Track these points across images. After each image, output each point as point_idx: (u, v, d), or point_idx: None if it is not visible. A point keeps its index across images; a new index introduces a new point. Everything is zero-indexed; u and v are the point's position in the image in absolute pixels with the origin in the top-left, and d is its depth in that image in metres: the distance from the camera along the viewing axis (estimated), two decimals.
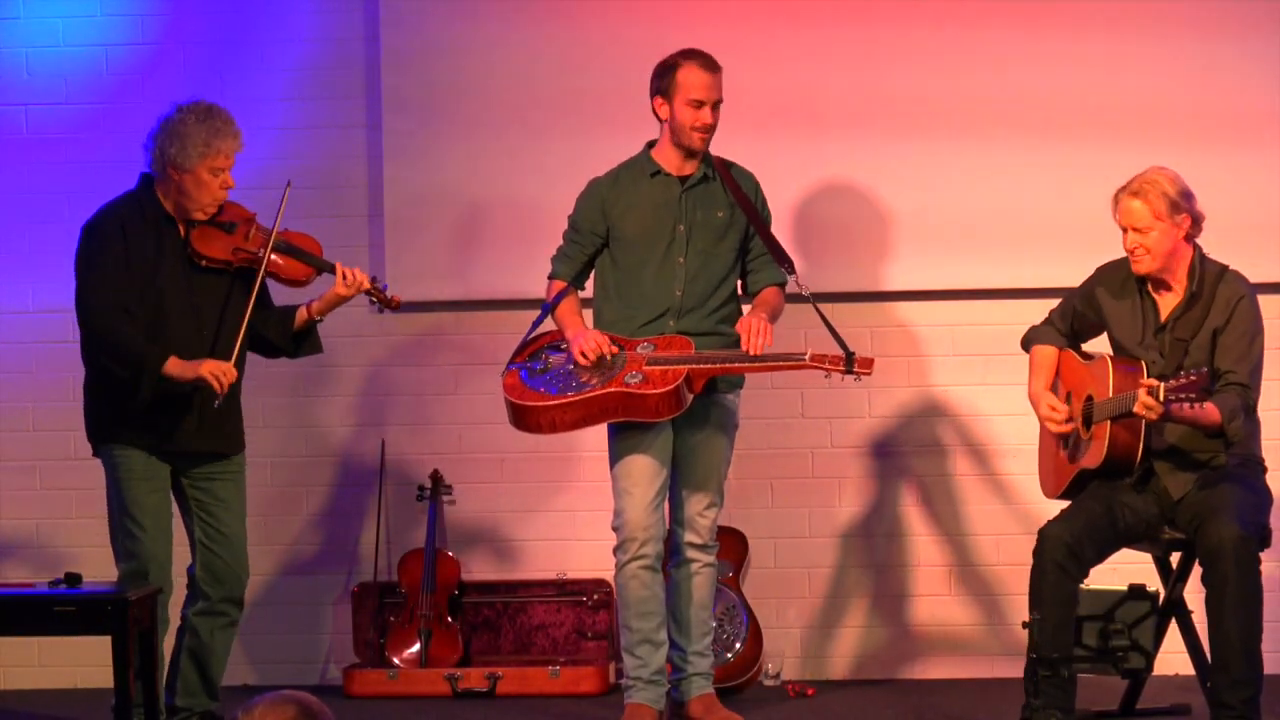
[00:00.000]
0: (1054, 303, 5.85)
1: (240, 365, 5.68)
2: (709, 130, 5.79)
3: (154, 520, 5.63)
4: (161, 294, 5.59)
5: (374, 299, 5.82)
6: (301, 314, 5.78)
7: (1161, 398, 5.15)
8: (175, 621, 5.77)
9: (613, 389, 5.61)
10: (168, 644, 5.75)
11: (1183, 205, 5.46)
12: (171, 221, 5.65)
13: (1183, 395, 5.13)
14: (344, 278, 5.73)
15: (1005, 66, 6.75)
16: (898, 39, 6.78)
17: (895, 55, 6.78)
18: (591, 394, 5.61)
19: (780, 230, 5.99)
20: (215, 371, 5.51)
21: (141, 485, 5.62)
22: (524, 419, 5.70)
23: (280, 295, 5.88)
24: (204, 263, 5.64)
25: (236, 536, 5.74)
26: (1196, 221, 5.50)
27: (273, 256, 5.66)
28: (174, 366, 5.51)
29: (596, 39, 6.86)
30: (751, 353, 5.62)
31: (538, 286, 6.17)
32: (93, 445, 5.71)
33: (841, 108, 6.79)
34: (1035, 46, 6.75)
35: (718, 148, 5.90)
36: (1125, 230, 5.51)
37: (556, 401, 5.64)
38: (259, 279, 5.63)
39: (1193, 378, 5.12)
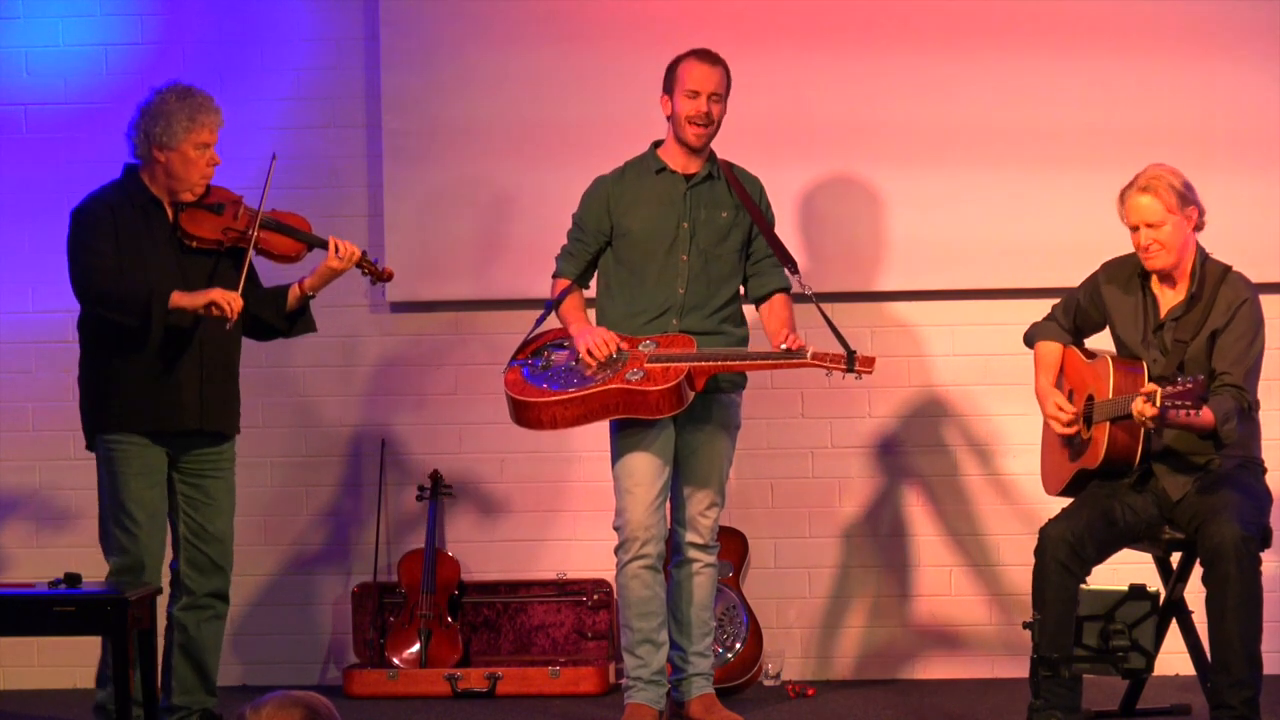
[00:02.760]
0: (1055, 302, 5.85)
1: (236, 346, 5.69)
2: (705, 122, 5.78)
3: (150, 517, 5.63)
4: (152, 277, 5.58)
5: (365, 272, 5.84)
6: (294, 291, 5.80)
7: (1158, 403, 5.15)
8: (162, 621, 5.76)
9: (614, 385, 5.61)
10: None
11: (1189, 197, 5.48)
12: (159, 205, 5.67)
13: (1179, 402, 5.13)
14: (336, 250, 5.74)
15: (1004, 72, 6.76)
16: (899, 44, 6.78)
17: (898, 57, 6.78)
18: (592, 390, 5.62)
19: (781, 230, 5.99)
20: (226, 298, 5.52)
21: (139, 480, 5.62)
22: (524, 415, 5.70)
23: (273, 274, 5.88)
24: (194, 244, 5.65)
25: (224, 535, 5.75)
26: (1201, 212, 5.51)
27: (262, 233, 5.67)
28: (180, 297, 5.53)
29: (598, 37, 6.85)
30: (785, 344, 5.62)
31: (539, 286, 6.18)
32: (90, 436, 5.69)
33: (843, 108, 6.79)
34: (1037, 51, 6.75)
35: (722, 149, 5.90)
36: (1136, 228, 5.50)
37: (557, 397, 5.64)
38: (249, 256, 5.64)
39: (1189, 385, 5.12)
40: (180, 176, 5.62)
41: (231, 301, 5.51)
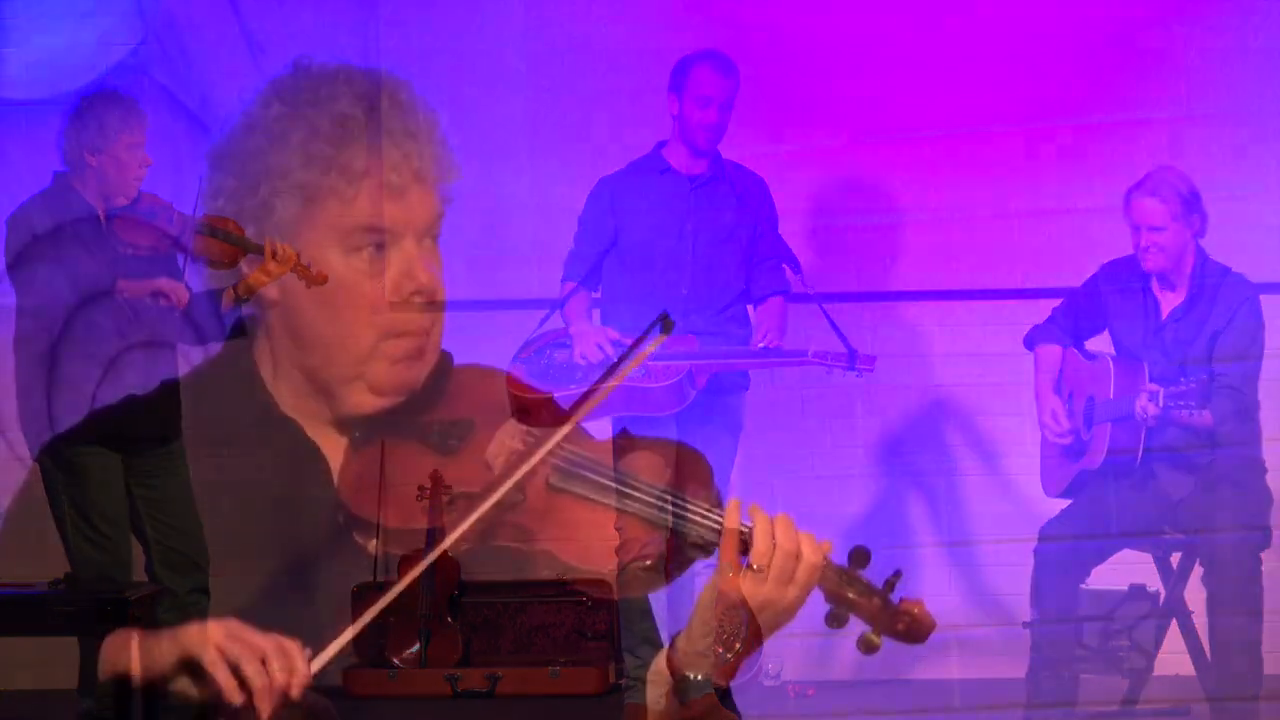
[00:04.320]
0: (1055, 302, 5.86)
1: (173, 351, 5.75)
2: (713, 129, 5.80)
3: (115, 526, 5.67)
4: (89, 286, 5.60)
5: (300, 275, 5.85)
6: (229, 295, 5.81)
7: (1161, 403, 5.18)
8: None
9: (614, 383, 5.61)
10: None
11: (1194, 204, 5.50)
12: (93, 211, 5.68)
13: (1182, 401, 5.15)
14: (274, 254, 5.75)
15: (1007, 73, 6.77)
16: (903, 45, 6.79)
17: (899, 59, 6.79)
18: (593, 388, 5.61)
19: (784, 229, 6.00)
20: (171, 285, 5.59)
21: (102, 491, 5.63)
22: (525, 413, 5.69)
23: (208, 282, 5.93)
24: (130, 251, 5.66)
25: (192, 529, 5.77)
26: (1204, 219, 5.53)
27: (197, 239, 5.68)
28: (126, 285, 5.59)
29: (601, 38, 6.86)
30: (763, 343, 5.64)
31: (540, 286, 6.19)
32: (39, 446, 5.68)
33: (847, 109, 6.80)
34: (1039, 52, 6.77)
35: (728, 148, 5.91)
36: (1138, 229, 5.51)
37: (558, 395, 5.63)
38: (186, 260, 5.66)
39: (1192, 384, 5.16)
40: (113, 180, 5.66)
41: (177, 289, 5.56)
